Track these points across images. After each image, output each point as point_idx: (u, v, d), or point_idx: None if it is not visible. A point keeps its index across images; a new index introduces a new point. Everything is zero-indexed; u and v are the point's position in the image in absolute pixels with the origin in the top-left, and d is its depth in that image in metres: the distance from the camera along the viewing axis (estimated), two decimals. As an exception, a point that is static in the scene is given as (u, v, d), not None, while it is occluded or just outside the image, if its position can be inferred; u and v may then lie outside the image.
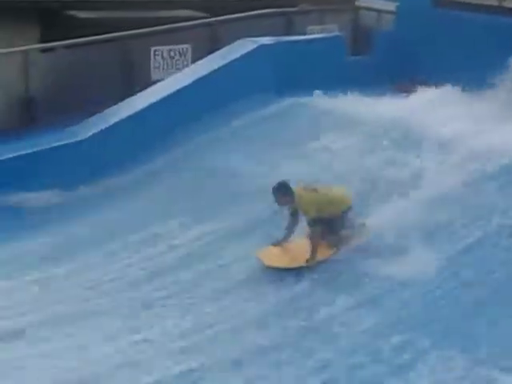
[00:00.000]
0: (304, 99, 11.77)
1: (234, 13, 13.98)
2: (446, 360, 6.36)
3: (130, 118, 11.01)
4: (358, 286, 7.49)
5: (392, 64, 13.07)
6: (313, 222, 7.80)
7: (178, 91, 11.56)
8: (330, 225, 7.91)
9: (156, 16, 14.67)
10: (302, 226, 8.05)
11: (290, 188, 7.89)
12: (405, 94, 11.87)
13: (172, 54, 13.24)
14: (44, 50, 12.83)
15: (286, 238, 8.09)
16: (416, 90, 11.60)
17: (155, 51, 13.07)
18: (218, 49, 12.87)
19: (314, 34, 14.70)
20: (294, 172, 9.44)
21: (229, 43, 12.75)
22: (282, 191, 7.89)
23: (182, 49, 13.32)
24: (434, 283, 7.41)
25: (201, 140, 11.06)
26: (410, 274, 7.47)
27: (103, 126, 10.80)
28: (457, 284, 7.41)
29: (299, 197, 7.85)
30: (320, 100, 11.65)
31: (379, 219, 8.16)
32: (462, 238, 8.01)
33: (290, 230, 8.07)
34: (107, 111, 11.26)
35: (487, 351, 6.45)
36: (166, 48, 13.18)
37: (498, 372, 6.19)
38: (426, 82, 11.79)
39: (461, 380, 6.17)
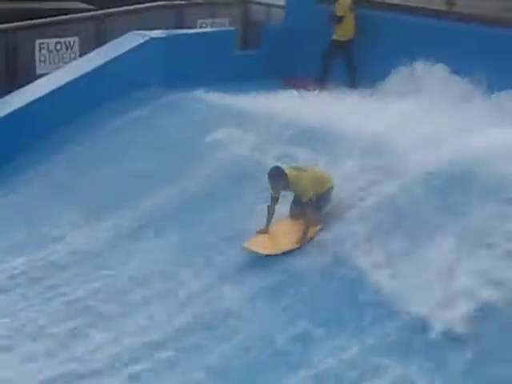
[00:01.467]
0: (193, 93, 11.75)
1: (123, 5, 13.80)
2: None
3: (13, 113, 10.68)
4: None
5: (281, 58, 13.24)
6: (310, 202, 7.89)
7: (65, 85, 11.32)
8: (317, 202, 8.02)
9: (42, 7, 14.31)
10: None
11: (283, 171, 7.94)
12: (294, 89, 12.02)
13: (58, 47, 12.94)
14: None
15: (269, 223, 8.06)
16: (305, 86, 11.79)
17: (40, 44, 12.75)
18: (106, 42, 12.68)
19: (205, 27, 14.73)
20: (185, 168, 9.56)
21: (118, 36, 12.58)
22: (278, 175, 7.93)
23: (69, 42, 13.05)
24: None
25: (89, 135, 10.88)
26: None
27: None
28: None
29: (296, 178, 7.92)
30: (209, 94, 11.67)
31: None
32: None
33: (272, 214, 8.07)
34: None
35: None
36: (52, 41, 12.88)
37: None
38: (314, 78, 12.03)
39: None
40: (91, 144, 10.70)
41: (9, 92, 11.42)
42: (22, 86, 11.55)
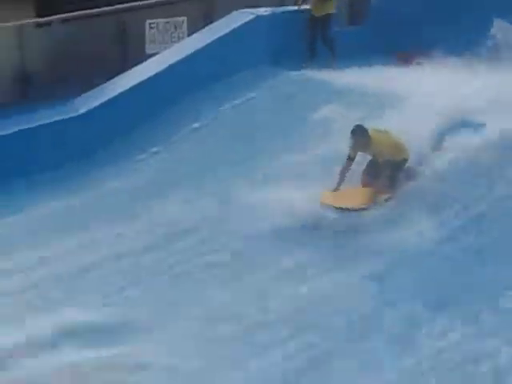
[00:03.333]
0: (300, 71, 11.72)
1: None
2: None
3: (125, 92, 10.93)
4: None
5: (389, 32, 12.98)
6: (386, 164, 7.94)
7: (174, 65, 11.49)
8: (392, 169, 8.04)
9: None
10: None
11: (367, 131, 7.97)
12: (407, 64, 11.84)
13: (167, 26, 13.15)
14: (39, 25, 12.76)
15: (341, 181, 8.11)
16: (418, 60, 11.56)
17: (150, 24, 13.00)
18: (214, 21, 12.78)
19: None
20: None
21: (225, 15, 12.66)
22: (361, 134, 7.97)
23: (178, 21, 13.24)
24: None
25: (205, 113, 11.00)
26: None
27: (99, 101, 10.70)
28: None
29: (377, 139, 7.97)
30: (315, 72, 11.62)
31: None
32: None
33: (344, 174, 8.10)
34: (103, 86, 11.17)
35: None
36: (161, 21, 13.10)
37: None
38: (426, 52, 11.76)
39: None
40: (209, 122, 10.85)
41: (121, 72, 11.67)
42: (133, 65, 11.78)
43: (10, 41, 12.00)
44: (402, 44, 12.67)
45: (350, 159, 8.06)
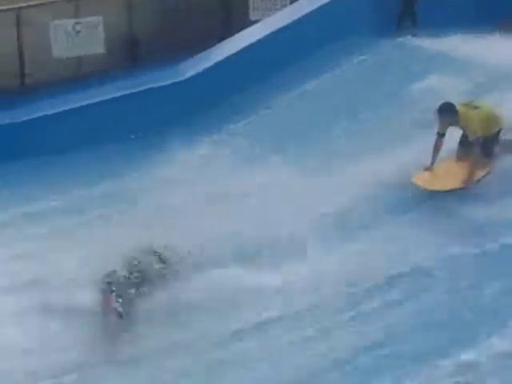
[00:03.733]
0: (403, 40, 11.73)
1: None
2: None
3: (231, 57, 11.11)
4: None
5: (496, 2, 12.76)
6: (477, 141, 7.76)
7: (277, 32, 11.59)
8: (486, 145, 7.86)
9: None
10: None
11: (455, 107, 7.81)
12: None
13: (271, -6, 13.25)
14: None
15: (434, 160, 7.99)
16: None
17: (254, -9, 13.13)
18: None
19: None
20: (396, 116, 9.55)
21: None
22: (448, 111, 7.81)
23: (281, -12, 13.30)
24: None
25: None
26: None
27: (205, 66, 10.94)
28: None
29: (464, 115, 7.77)
30: (420, 41, 11.56)
31: None
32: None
33: (437, 151, 7.96)
34: (208, 51, 11.37)
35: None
36: (265, -12, 13.20)
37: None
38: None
39: None
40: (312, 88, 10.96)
41: (223, 37, 11.85)
42: (237, 31, 11.93)
43: (118, 7, 12.29)
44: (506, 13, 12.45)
45: (440, 135, 7.90)
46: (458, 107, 7.81)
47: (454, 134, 8.11)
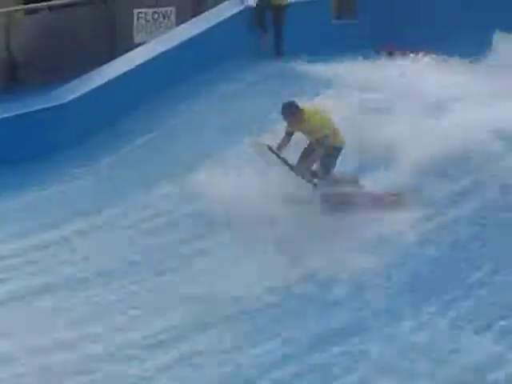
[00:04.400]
0: (291, 63, 11.76)
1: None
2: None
3: (112, 81, 10.92)
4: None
5: (377, 26, 13.08)
6: (316, 144, 7.73)
7: (162, 54, 11.49)
8: (324, 161, 7.83)
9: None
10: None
11: (297, 106, 7.77)
12: (389, 57, 11.97)
13: (155, 16, 13.13)
14: (27, 12, 12.70)
15: (277, 149, 7.87)
16: (401, 54, 11.69)
17: (138, 13, 12.97)
18: (202, 11, 12.78)
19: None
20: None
21: (213, 6, 12.67)
22: (290, 109, 7.77)
23: (166, 11, 13.22)
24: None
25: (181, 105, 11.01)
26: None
27: (86, 90, 10.70)
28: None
29: (312, 113, 7.78)
30: (305, 64, 11.66)
31: None
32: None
33: (282, 147, 7.88)
34: (90, 74, 11.16)
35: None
36: (149, 10, 13.08)
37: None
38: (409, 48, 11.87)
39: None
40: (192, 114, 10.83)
41: (108, 60, 11.65)
42: (121, 54, 11.76)
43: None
44: (388, 38, 12.79)
45: (288, 133, 7.85)
46: (303, 107, 7.79)
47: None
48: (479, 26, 11.75)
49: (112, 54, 12.04)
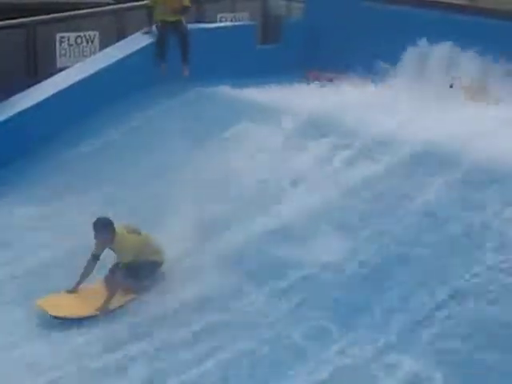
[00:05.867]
0: (213, 88, 11.72)
1: (143, -1, 13.76)
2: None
3: (33, 106, 10.69)
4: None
5: (302, 52, 13.21)
6: (125, 267, 7.30)
7: (84, 80, 11.32)
8: (138, 270, 7.37)
9: (62, 1, 14.27)
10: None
11: (112, 225, 7.32)
12: (316, 82, 12.12)
13: (79, 40, 12.94)
14: None
15: (80, 282, 7.46)
16: (327, 79, 11.88)
17: (61, 38, 12.76)
18: (126, 35, 12.68)
19: (225, 21, 14.68)
20: (206, 163, 9.45)
21: (138, 30, 12.56)
22: (104, 226, 7.29)
23: (89, 35, 13.04)
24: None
25: (111, 131, 10.89)
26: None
27: (5, 116, 10.45)
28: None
29: (121, 236, 7.32)
30: (230, 89, 11.66)
31: None
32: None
33: (87, 274, 7.45)
34: (11, 100, 10.92)
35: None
36: (72, 35, 12.88)
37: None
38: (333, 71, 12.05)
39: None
40: (111, 140, 10.69)
41: (30, 86, 11.40)
42: (43, 79, 11.55)
43: None
44: (313, 63, 12.93)
45: (94, 257, 7.41)
46: (116, 228, 7.36)
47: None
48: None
49: (35, 79, 11.80)
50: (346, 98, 10.74)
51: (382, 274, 7.32)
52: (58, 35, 12.72)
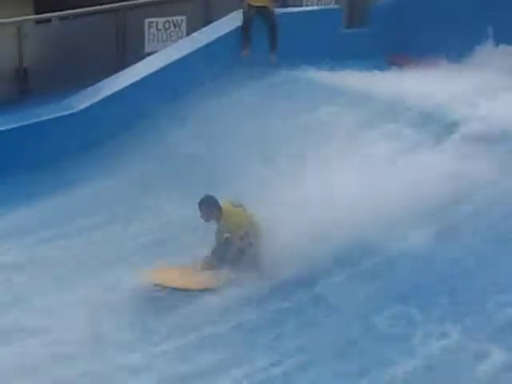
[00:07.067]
0: (300, 72, 11.74)
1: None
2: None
3: (124, 89, 10.94)
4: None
5: (388, 36, 13.06)
6: (233, 242, 7.37)
7: (173, 63, 11.51)
8: (241, 246, 7.42)
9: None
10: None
11: (217, 202, 7.46)
12: (398, 67, 11.98)
13: (166, 25, 13.16)
14: (39, 22, 12.73)
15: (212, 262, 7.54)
16: (410, 64, 11.70)
17: (149, 23, 13.00)
18: (212, 20, 12.80)
19: (311, 5, 14.65)
20: (289, 144, 9.48)
21: (225, 15, 12.68)
22: (208, 205, 7.45)
23: (177, 20, 13.24)
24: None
25: (199, 109, 10.97)
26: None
27: (97, 99, 10.74)
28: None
29: (228, 212, 7.45)
30: (316, 73, 11.64)
31: None
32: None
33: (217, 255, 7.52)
34: (101, 83, 11.20)
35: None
36: (160, 20, 13.10)
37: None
38: (420, 56, 11.87)
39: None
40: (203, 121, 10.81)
41: (120, 70, 11.68)
42: (132, 63, 11.80)
43: (9, 37, 11.94)
44: (400, 48, 12.78)
45: (225, 241, 7.45)
46: (222, 203, 7.47)
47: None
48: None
49: (124, 64, 12.08)
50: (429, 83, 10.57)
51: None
52: (147, 20, 12.98)
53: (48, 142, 10.21)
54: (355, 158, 8.98)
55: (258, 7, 12.11)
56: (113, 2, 12.85)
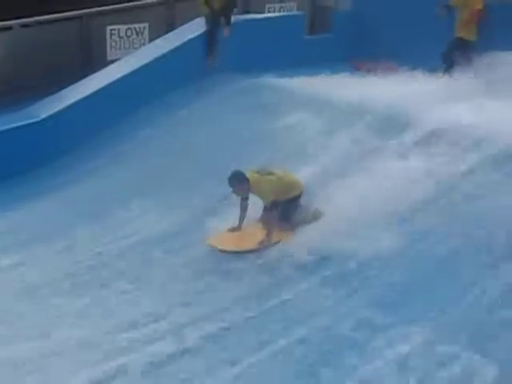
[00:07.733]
0: (263, 78, 11.78)
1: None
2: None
3: (86, 98, 10.88)
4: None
5: (350, 43, 13.19)
6: (269, 207, 7.83)
7: (135, 71, 11.47)
8: (284, 209, 7.92)
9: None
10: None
11: (245, 175, 7.80)
12: (363, 72, 12.09)
13: (129, 33, 13.12)
14: (0, 29, 12.62)
15: (241, 220, 8.08)
16: (373, 69, 11.82)
17: (111, 30, 12.95)
18: (175, 28, 12.80)
19: (273, 12, 14.74)
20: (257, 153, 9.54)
21: (188, 22, 12.68)
22: (238, 180, 7.80)
23: (139, 28, 13.22)
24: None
25: (162, 121, 11.01)
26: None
27: (59, 107, 10.65)
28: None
29: (256, 182, 7.78)
30: (278, 79, 11.69)
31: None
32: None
33: (243, 212, 8.06)
34: (63, 92, 11.12)
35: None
36: (122, 27, 13.07)
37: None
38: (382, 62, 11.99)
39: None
40: (163, 129, 10.81)
41: (82, 77, 11.61)
42: (95, 71, 11.74)
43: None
44: (362, 54, 12.90)
45: (243, 199, 7.98)
46: (248, 175, 7.80)
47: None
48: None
49: (87, 71, 12.01)
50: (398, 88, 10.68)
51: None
52: (109, 28, 12.93)
53: (7, 151, 10.06)
54: (319, 163, 9.15)
55: (219, 11, 12.11)
56: (75, 10, 12.77)
